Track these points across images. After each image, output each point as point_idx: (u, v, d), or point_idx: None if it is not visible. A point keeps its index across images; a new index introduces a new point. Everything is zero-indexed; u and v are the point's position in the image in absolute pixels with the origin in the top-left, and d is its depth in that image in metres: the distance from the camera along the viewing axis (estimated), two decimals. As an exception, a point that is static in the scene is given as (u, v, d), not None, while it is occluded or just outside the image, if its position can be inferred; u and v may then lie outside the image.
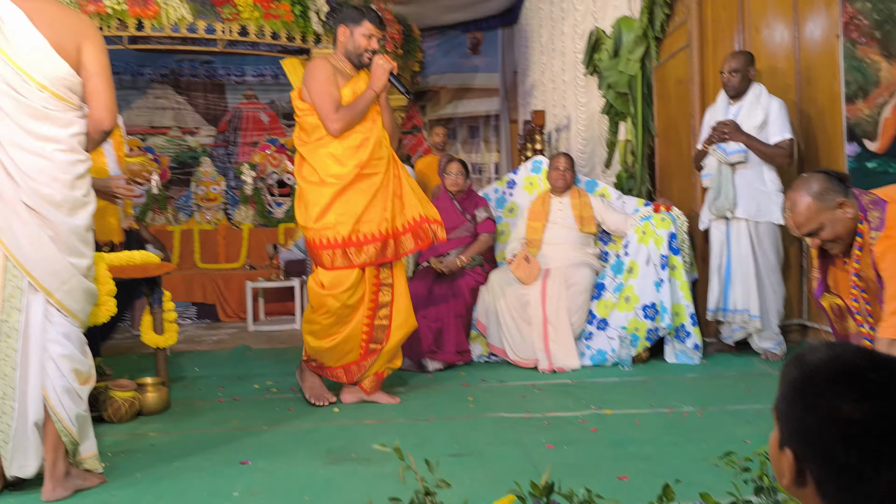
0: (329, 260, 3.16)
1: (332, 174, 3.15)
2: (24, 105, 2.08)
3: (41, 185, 2.09)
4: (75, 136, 2.18)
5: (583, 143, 6.68)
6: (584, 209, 4.37)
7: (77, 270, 2.17)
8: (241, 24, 6.02)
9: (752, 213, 3.82)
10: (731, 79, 3.88)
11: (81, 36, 2.16)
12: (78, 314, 2.21)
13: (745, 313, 3.87)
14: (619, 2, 5.60)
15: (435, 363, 4.03)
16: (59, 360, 2.15)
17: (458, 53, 10.74)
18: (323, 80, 3.14)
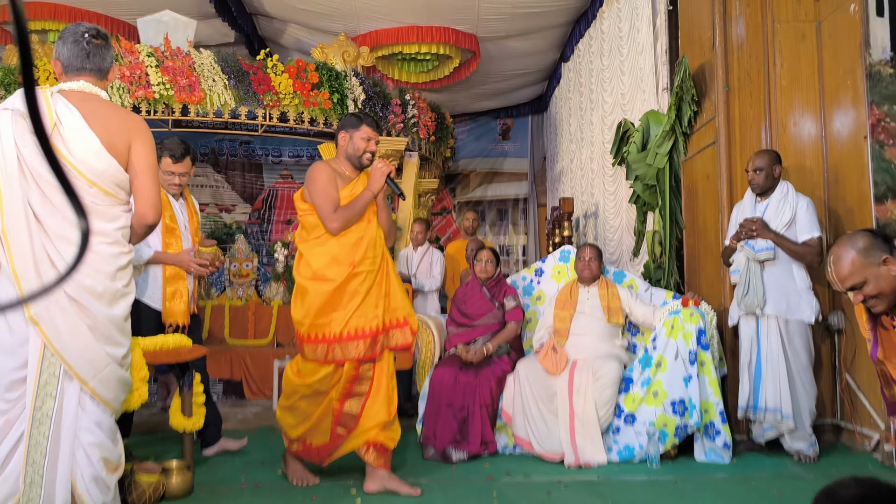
0: (311, 353, 3.27)
1: (330, 272, 3.27)
2: None
3: (84, 275, 2.16)
4: (120, 229, 2.27)
5: (611, 230, 6.73)
6: (612, 300, 4.38)
7: (112, 359, 2.22)
8: (282, 109, 6.27)
9: (781, 311, 3.79)
10: (756, 177, 3.93)
11: (132, 135, 2.28)
12: (111, 402, 2.24)
13: (776, 412, 3.79)
14: (647, 95, 5.74)
15: (459, 453, 3.98)
16: (89, 449, 2.18)
17: (489, 139, 11.02)
18: (323, 182, 3.30)
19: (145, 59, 5.86)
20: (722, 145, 4.43)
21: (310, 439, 3.42)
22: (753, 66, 4.46)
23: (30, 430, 2.11)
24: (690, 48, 4.99)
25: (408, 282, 5.84)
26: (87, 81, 2.32)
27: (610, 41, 6.82)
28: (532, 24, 7.85)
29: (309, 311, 3.26)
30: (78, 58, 2.31)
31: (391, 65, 8.26)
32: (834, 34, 4.19)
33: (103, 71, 2.37)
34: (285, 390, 3.41)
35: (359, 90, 6.46)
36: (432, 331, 4.61)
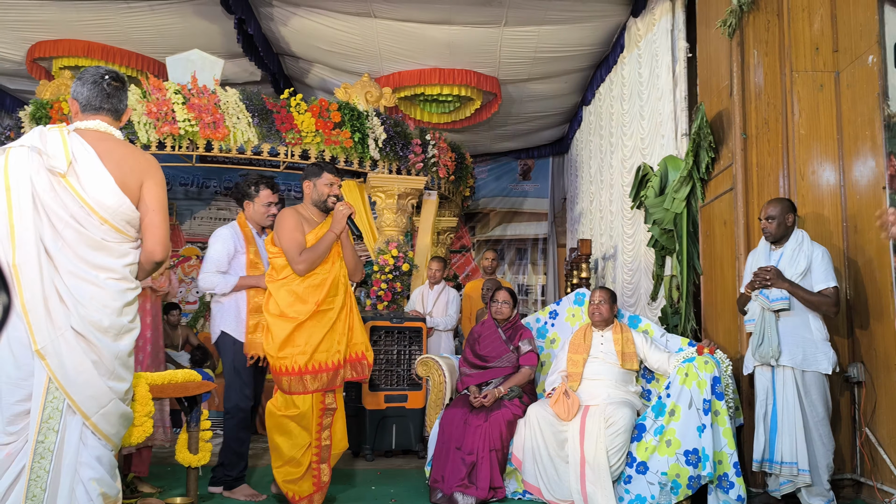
0: (287, 385, 3.54)
1: (294, 310, 3.54)
2: (84, 236, 2.22)
3: (91, 310, 2.20)
4: (128, 265, 2.32)
5: (629, 273, 6.70)
6: (627, 345, 4.33)
7: (115, 394, 2.24)
8: (304, 147, 6.36)
9: (797, 362, 3.72)
10: (768, 225, 3.90)
11: (145, 174, 2.34)
12: (112, 437, 2.25)
13: (792, 466, 3.69)
14: (666, 140, 5.75)
15: (467, 498, 3.92)
16: (88, 484, 2.18)
17: (509, 179, 11.08)
18: (290, 228, 3.59)
19: (172, 97, 6.00)
20: (739, 192, 4.41)
21: (293, 491, 3.58)
22: (771, 115, 4.46)
23: (31, 464, 2.12)
24: (708, 95, 5.01)
25: (422, 321, 5.83)
26: (104, 121, 2.39)
27: (630, 86, 6.87)
28: (553, 67, 7.94)
29: (276, 345, 3.53)
30: (97, 98, 2.39)
31: (413, 105, 8.38)
32: (852, 85, 4.18)
33: (119, 112, 2.44)
34: (269, 426, 3.62)
35: (380, 129, 6.55)
36: (444, 371, 4.59)
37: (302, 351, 3.52)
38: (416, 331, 5.73)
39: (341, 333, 3.64)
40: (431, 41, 7.21)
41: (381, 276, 6.52)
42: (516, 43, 7.26)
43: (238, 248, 4.06)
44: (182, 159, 6.69)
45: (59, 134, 2.26)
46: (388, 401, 5.47)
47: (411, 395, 5.56)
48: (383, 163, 6.69)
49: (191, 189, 9.69)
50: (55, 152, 2.21)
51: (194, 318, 8.49)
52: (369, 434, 5.35)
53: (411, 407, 5.53)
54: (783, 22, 4.46)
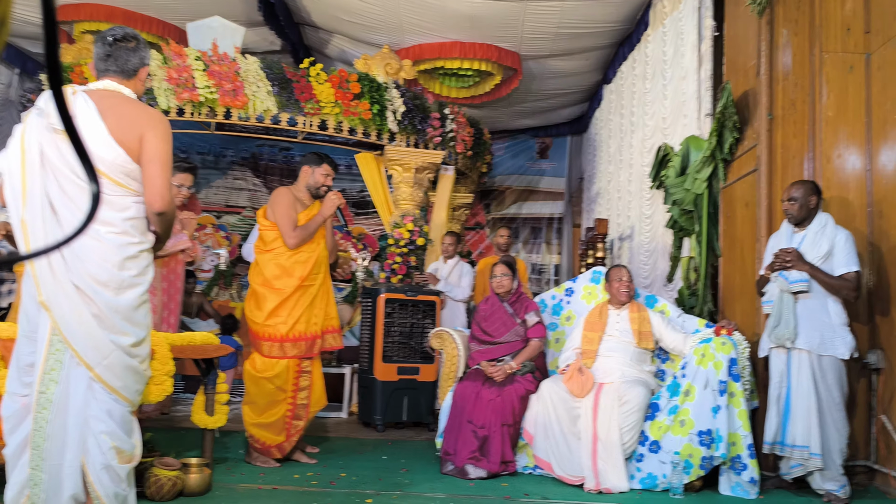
0: (268, 350, 3.91)
1: (281, 282, 3.90)
2: (84, 190, 2.22)
3: (89, 264, 2.21)
4: (129, 219, 2.31)
5: (645, 254, 6.65)
6: (643, 324, 4.31)
7: (118, 347, 2.24)
8: (322, 118, 6.33)
9: (814, 346, 3.68)
10: (790, 207, 3.85)
11: (145, 127, 2.32)
12: (120, 391, 2.24)
13: (804, 450, 3.67)
14: (688, 121, 5.68)
15: (478, 471, 3.94)
16: (99, 437, 2.19)
17: (527, 156, 11.00)
18: (286, 205, 3.95)
19: (192, 63, 5.97)
20: (763, 174, 4.36)
21: (266, 439, 3.95)
22: (798, 96, 4.39)
23: (34, 414, 2.16)
24: (735, 75, 4.93)
25: (436, 294, 5.83)
26: (112, 80, 2.40)
27: (654, 65, 6.78)
28: (576, 44, 7.83)
29: (262, 313, 3.88)
30: (101, 61, 2.41)
31: (432, 79, 8.31)
32: (883, 67, 4.09)
33: (128, 71, 2.43)
34: (248, 388, 3.97)
35: (399, 102, 6.50)
36: (457, 344, 4.59)
37: (284, 321, 3.90)
38: (429, 304, 5.73)
39: (320, 307, 4.05)
40: (453, 13, 7.12)
41: (396, 250, 6.51)
42: (539, 18, 7.16)
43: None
44: (201, 126, 6.67)
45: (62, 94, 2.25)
46: (400, 373, 5.49)
47: (423, 368, 5.57)
48: (401, 136, 6.65)
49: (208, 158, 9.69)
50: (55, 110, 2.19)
51: (209, 286, 8.53)
52: (380, 405, 5.38)
53: (423, 380, 5.55)
54: (814, 1, 4.36)
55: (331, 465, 4.04)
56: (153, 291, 4.10)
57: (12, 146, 2.27)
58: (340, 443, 4.78)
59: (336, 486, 3.57)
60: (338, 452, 4.46)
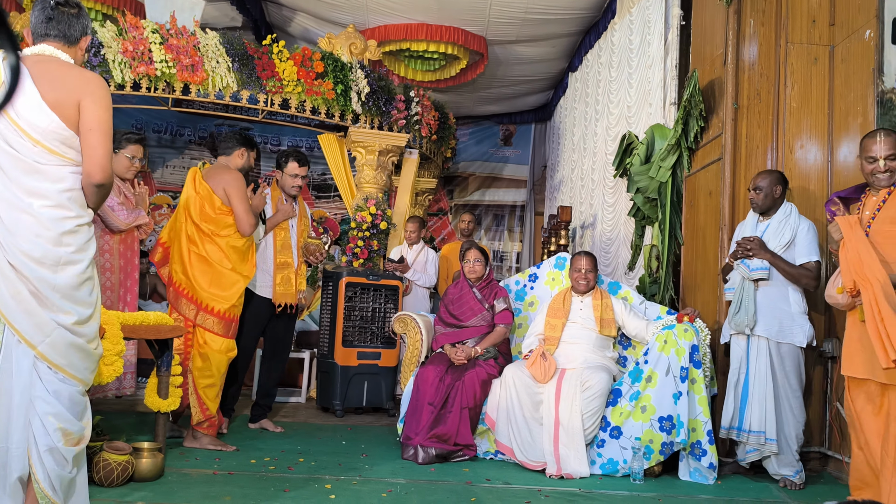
0: (212, 325, 3.95)
1: (246, 270, 4.04)
2: (18, 160, 2.12)
3: (21, 240, 2.10)
4: (66, 191, 2.18)
5: (607, 242, 6.68)
6: (606, 311, 4.31)
7: (58, 325, 2.13)
8: (284, 96, 6.18)
9: (773, 333, 3.73)
10: (755, 196, 3.88)
11: (82, 93, 2.18)
12: (67, 369, 2.14)
13: (760, 435, 3.72)
14: (653, 109, 5.69)
15: (430, 451, 3.89)
16: (45, 418, 2.09)
17: (491, 143, 10.97)
18: (245, 192, 4.03)
19: (150, 36, 5.76)
20: (727, 163, 4.38)
21: (212, 406, 3.94)
22: (764, 86, 4.41)
23: None
24: (701, 64, 4.94)
25: (398, 279, 5.76)
26: (50, 45, 2.26)
27: (620, 53, 6.78)
28: (542, 30, 7.80)
29: (231, 294, 3.94)
30: (42, 24, 2.26)
31: (398, 61, 8.20)
32: (847, 59, 4.14)
33: (70, 38, 2.30)
34: (213, 370, 3.91)
35: (363, 83, 6.39)
36: (420, 329, 4.53)
37: (240, 303, 4.03)
38: (392, 289, 5.66)
39: None
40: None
41: (359, 234, 6.41)
42: (506, 2, 7.11)
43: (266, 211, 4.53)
44: (159, 102, 6.46)
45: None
46: (360, 357, 5.41)
47: (384, 353, 5.50)
48: (365, 117, 6.54)
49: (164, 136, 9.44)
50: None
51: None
52: (340, 390, 5.30)
53: (384, 365, 5.48)
54: (782, -9, 4.39)
55: (289, 451, 3.96)
56: (110, 269, 3.98)
57: None
58: (299, 428, 4.69)
59: (294, 472, 3.49)
60: (296, 437, 4.37)
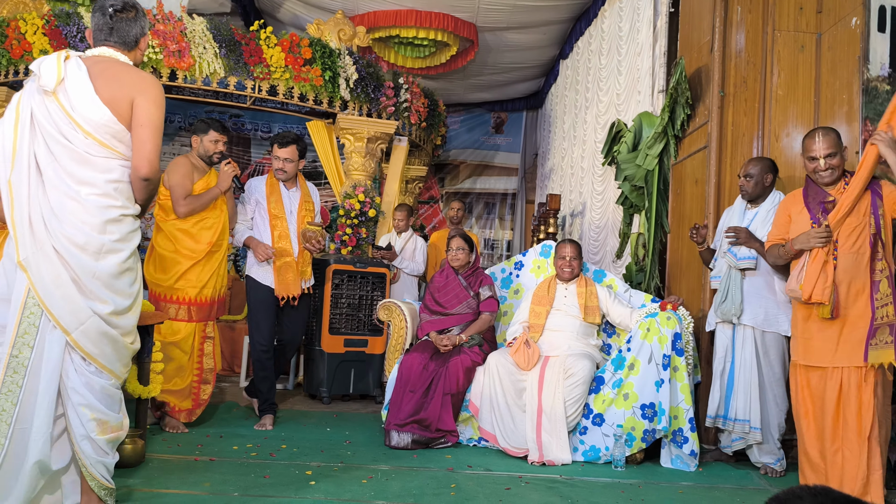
0: (174, 312, 3.97)
1: (188, 248, 3.98)
2: (70, 150, 2.26)
3: (68, 226, 2.22)
4: (113, 182, 2.32)
5: (596, 230, 6.68)
6: (590, 299, 4.31)
7: (93, 313, 2.23)
8: (272, 83, 6.14)
9: (759, 322, 3.74)
10: (746, 184, 3.88)
11: (136, 90, 2.32)
12: (99, 358, 2.25)
13: (745, 423, 3.74)
14: (642, 97, 5.67)
15: (410, 437, 3.89)
16: (78, 409, 2.22)
17: (482, 131, 10.93)
18: (181, 174, 3.98)
19: (135, 20, 5.71)
20: (713, 150, 4.37)
21: (174, 403, 3.97)
22: (750, 74, 4.40)
23: (3, 377, 2.15)
24: (689, 51, 4.92)
25: (386, 267, 5.75)
26: (109, 48, 2.42)
27: (609, 40, 6.75)
28: (533, 17, 7.76)
29: (170, 276, 3.94)
30: (101, 30, 2.42)
31: (387, 48, 8.15)
32: (834, 47, 4.13)
33: (128, 42, 2.45)
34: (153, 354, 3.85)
35: (352, 69, 6.34)
36: (405, 316, 4.53)
37: (194, 285, 3.99)
38: (379, 276, 5.65)
39: (224, 273, 4.21)
40: (409, -19, 6.98)
41: (347, 221, 6.38)
42: (497, -12, 7.07)
43: (260, 199, 4.42)
44: (144, 88, 6.41)
45: (55, 57, 2.32)
46: (347, 345, 5.41)
47: (371, 341, 5.50)
48: (354, 104, 6.51)
49: (153, 123, 9.38)
50: (47, 72, 2.27)
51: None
52: (327, 377, 5.30)
53: (371, 352, 5.48)
54: (769, -21, 4.37)
55: (272, 437, 3.96)
56: None
57: (8, 112, 2.31)
58: (284, 415, 4.69)
59: (276, 458, 3.49)
60: (280, 424, 4.37)
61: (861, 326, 3.06)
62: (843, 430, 3.10)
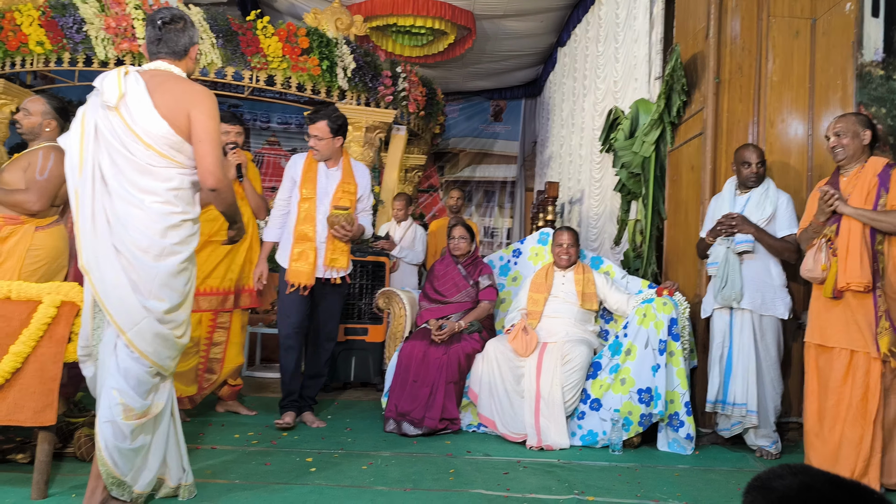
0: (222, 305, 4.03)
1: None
2: (132, 162, 2.41)
3: (132, 230, 2.39)
4: (173, 190, 2.46)
5: (594, 217, 6.70)
6: (587, 285, 4.34)
7: (150, 314, 2.39)
8: (269, 73, 6.16)
9: (756, 306, 3.77)
10: (752, 171, 3.89)
11: (191, 104, 2.46)
12: (150, 356, 2.40)
13: (742, 407, 3.78)
14: (639, 84, 5.68)
15: (416, 429, 3.95)
16: (108, 391, 2.35)
17: (481, 119, 10.94)
18: None
19: (132, 12, 5.73)
20: (708, 137, 4.39)
21: (180, 391, 3.90)
22: (745, 60, 4.41)
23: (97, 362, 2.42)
24: (684, 38, 4.93)
25: (385, 255, 5.78)
26: (164, 61, 2.56)
27: (606, 27, 6.75)
28: (530, 4, 7.75)
29: None
30: (153, 44, 2.56)
31: (385, 37, 8.15)
32: (828, 32, 4.13)
33: (178, 52, 2.57)
34: None
35: (349, 59, 6.36)
36: (404, 304, 4.57)
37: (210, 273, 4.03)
38: (378, 265, 5.68)
39: (237, 264, 4.15)
40: (406, -31, 6.97)
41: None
42: (493, -24, 7.07)
43: (296, 178, 4.15)
44: (142, 79, 6.43)
45: (116, 73, 2.47)
46: (347, 333, 5.45)
47: (372, 329, 5.54)
48: (351, 93, 6.52)
49: (152, 114, 9.40)
50: (109, 88, 2.43)
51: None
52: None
53: (371, 340, 5.52)
54: (764, -36, 4.37)
55: (273, 426, 4.00)
56: None
57: (74, 125, 2.47)
58: (285, 403, 4.73)
59: (277, 446, 3.54)
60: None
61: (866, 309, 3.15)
62: (845, 413, 3.15)
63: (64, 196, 3.42)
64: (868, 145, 3.34)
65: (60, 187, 3.36)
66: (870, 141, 3.33)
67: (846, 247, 3.18)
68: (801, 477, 0.92)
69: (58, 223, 3.47)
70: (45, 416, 2.53)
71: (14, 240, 3.28)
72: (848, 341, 3.17)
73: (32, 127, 3.48)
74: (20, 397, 2.52)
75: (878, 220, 3.13)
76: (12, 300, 2.62)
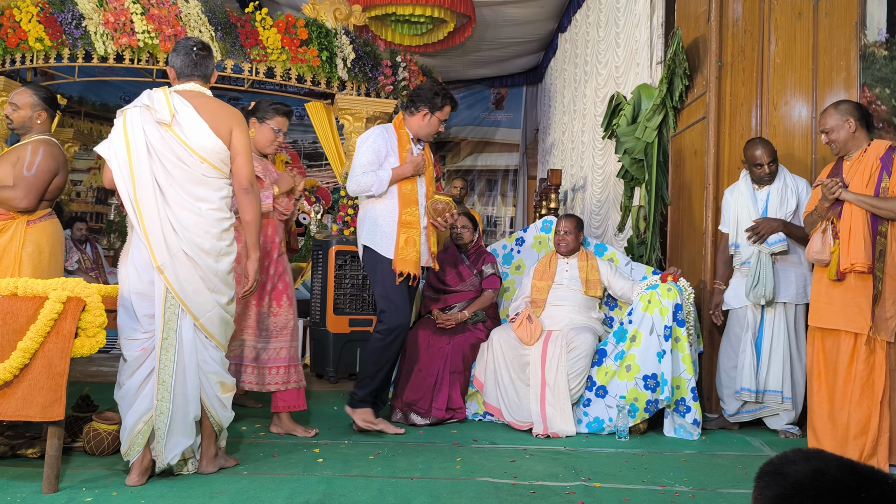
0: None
1: None
2: (188, 173, 2.75)
3: (194, 235, 2.73)
4: (224, 198, 2.85)
5: (597, 204, 6.68)
6: (591, 272, 4.33)
7: (217, 304, 2.80)
8: (269, 65, 6.13)
9: (791, 297, 3.82)
10: (765, 171, 3.86)
11: (233, 123, 2.86)
12: (217, 337, 2.83)
13: (778, 395, 3.82)
14: (641, 69, 5.65)
15: (423, 419, 3.96)
16: (209, 376, 2.81)
17: (482, 107, 10.89)
18: None
19: (130, 6, 5.70)
20: (711, 121, 4.37)
21: None
22: (748, 43, 4.38)
23: (159, 355, 2.67)
24: (686, 21, 4.89)
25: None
26: (196, 83, 2.91)
27: (607, 12, 6.71)
28: (530, -9, 7.71)
29: None
30: (188, 67, 2.90)
31: (384, 26, 8.11)
32: (831, 13, 4.10)
33: (207, 76, 2.96)
34: None
35: (349, 49, 6.33)
36: (408, 295, 4.56)
37: None
38: (382, 256, 5.67)
39: None
40: (404, -43, 6.93)
41: (349, 202, 6.41)
42: (492, -37, 7.01)
43: (390, 149, 3.75)
44: (143, 74, 6.42)
45: (163, 94, 2.80)
46: (352, 325, 5.46)
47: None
48: (352, 84, 6.50)
49: (153, 108, 9.38)
50: (161, 108, 2.74)
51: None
52: (333, 357, 5.35)
53: (376, 331, 5.52)
54: (766, -55, 4.33)
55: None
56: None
57: (116, 137, 2.75)
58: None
59: (284, 437, 3.55)
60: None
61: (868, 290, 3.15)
62: (852, 394, 3.16)
63: (56, 190, 3.41)
64: (861, 127, 3.30)
65: (49, 183, 3.34)
66: (856, 126, 3.29)
67: (849, 229, 3.18)
68: (815, 462, 0.91)
69: (50, 216, 3.42)
70: (53, 411, 2.53)
71: (6, 236, 3.26)
72: (845, 322, 3.18)
73: (23, 121, 3.42)
74: (29, 393, 2.52)
75: (879, 208, 3.14)
76: (19, 297, 2.62)
